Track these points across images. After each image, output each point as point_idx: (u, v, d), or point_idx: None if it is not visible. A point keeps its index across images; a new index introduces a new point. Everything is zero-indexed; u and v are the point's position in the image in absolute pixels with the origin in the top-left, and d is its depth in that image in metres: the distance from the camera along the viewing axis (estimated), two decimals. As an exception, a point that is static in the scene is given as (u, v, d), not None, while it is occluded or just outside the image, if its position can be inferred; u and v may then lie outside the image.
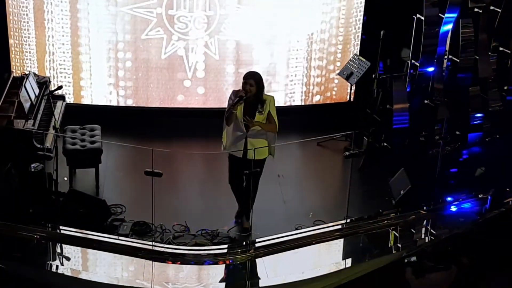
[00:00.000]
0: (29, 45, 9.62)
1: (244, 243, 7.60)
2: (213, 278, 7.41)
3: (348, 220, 7.89)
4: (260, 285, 7.20)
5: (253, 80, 7.29)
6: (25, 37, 9.59)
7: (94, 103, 9.84)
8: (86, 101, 9.84)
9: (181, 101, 9.91)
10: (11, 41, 9.59)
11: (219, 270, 7.49)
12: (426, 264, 7.42)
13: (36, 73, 9.23)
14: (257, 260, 7.43)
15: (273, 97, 7.53)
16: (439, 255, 7.42)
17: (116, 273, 7.47)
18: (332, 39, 9.98)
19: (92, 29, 9.54)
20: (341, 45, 10.05)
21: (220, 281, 7.39)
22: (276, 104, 7.57)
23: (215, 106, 9.67)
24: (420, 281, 7.33)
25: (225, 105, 7.62)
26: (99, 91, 9.83)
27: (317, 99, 10.22)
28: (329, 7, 9.77)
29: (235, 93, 7.41)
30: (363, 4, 9.90)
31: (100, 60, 9.68)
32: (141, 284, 7.06)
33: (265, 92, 7.55)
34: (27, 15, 9.47)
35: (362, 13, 9.95)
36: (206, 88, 9.88)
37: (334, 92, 10.28)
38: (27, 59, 9.68)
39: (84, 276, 7.16)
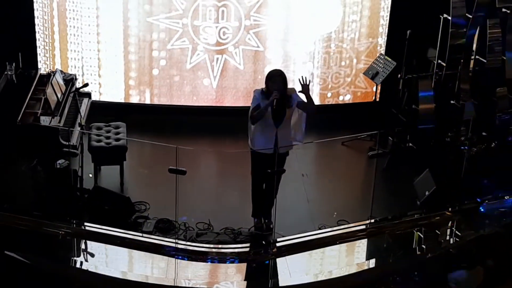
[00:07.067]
0: (54, 42, 9.68)
1: (266, 242, 7.59)
2: (235, 277, 7.40)
3: (372, 221, 7.85)
4: (282, 284, 7.19)
5: (280, 79, 7.36)
6: (50, 35, 9.66)
7: (119, 100, 9.90)
8: (112, 98, 9.89)
9: (205, 100, 9.95)
10: (38, 36, 9.67)
11: (242, 268, 7.49)
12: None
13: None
14: (280, 259, 7.42)
15: (294, 89, 7.60)
16: (464, 257, 7.34)
17: (140, 270, 7.51)
18: (358, 38, 9.96)
19: (117, 27, 9.59)
20: (367, 45, 10.03)
21: (243, 280, 7.39)
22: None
23: (242, 105, 9.70)
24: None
25: (248, 103, 7.68)
26: (125, 89, 9.88)
27: (342, 98, 10.20)
28: (355, 7, 9.76)
29: (260, 93, 7.42)
30: (389, 3, 9.85)
31: (127, 59, 9.74)
32: (164, 281, 7.08)
33: None
34: (50, 12, 9.54)
35: (388, 12, 9.91)
36: (230, 88, 9.96)
37: (359, 92, 10.26)
38: (53, 56, 9.75)
39: (107, 272, 7.18)
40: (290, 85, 8.72)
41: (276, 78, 7.35)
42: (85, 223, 7.64)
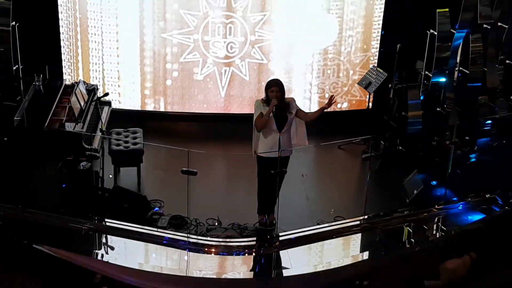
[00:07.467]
0: (78, 56, 9.95)
1: (270, 236, 7.81)
2: (242, 268, 7.62)
3: (366, 217, 7.99)
4: (285, 274, 7.45)
5: (278, 87, 7.60)
6: (74, 49, 9.94)
7: (137, 108, 10.17)
8: (130, 106, 10.16)
9: (214, 108, 10.23)
10: (63, 50, 9.93)
11: (248, 260, 7.72)
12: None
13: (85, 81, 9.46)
14: (282, 252, 7.63)
15: (293, 98, 7.85)
16: (450, 249, 7.09)
17: (155, 261, 7.77)
18: (354, 52, 10.20)
19: (134, 42, 9.86)
20: (361, 57, 10.28)
21: (248, 271, 7.63)
22: (306, 111, 7.88)
23: (247, 112, 9.74)
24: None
25: (249, 110, 7.90)
26: (141, 98, 10.14)
27: (340, 106, 10.40)
28: (351, 23, 10.02)
29: (260, 102, 7.67)
30: (381, 19, 10.09)
31: (143, 70, 9.99)
32: (177, 271, 7.35)
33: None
34: (74, 28, 9.82)
35: (380, 28, 10.17)
36: (237, 97, 10.23)
37: (354, 100, 10.46)
38: (76, 68, 10.01)
39: (125, 263, 7.37)
40: (291, 94, 8.91)
41: (274, 87, 7.58)
42: (106, 219, 7.87)
